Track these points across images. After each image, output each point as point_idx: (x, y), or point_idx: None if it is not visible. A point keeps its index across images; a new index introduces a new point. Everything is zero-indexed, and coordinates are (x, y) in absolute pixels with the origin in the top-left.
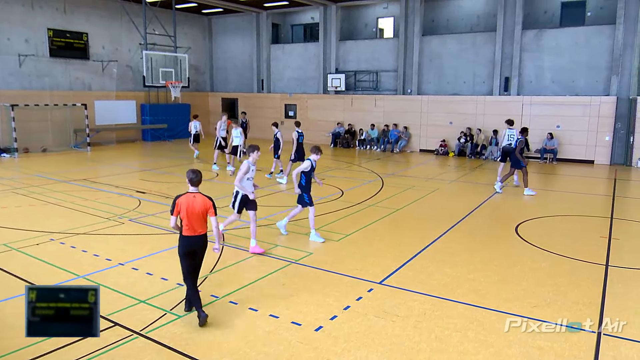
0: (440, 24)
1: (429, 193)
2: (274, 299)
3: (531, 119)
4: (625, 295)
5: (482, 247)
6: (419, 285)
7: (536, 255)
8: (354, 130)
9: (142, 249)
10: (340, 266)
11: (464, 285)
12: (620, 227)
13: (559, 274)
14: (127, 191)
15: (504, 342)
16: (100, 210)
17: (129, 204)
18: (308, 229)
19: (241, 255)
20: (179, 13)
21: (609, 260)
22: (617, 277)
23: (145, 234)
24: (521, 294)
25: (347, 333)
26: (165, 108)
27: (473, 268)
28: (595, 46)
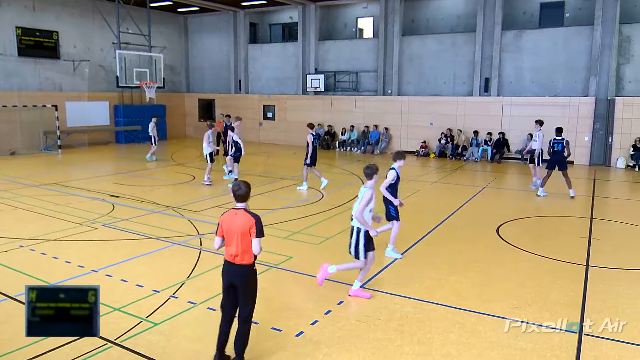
0: (420, 24)
1: (410, 195)
2: None
3: (511, 119)
4: (606, 294)
5: (463, 248)
6: (401, 289)
7: (517, 256)
8: (334, 132)
9: (116, 255)
10: None
11: (445, 288)
12: (600, 227)
13: (540, 274)
14: (100, 195)
15: (486, 344)
16: (72, 215)
17: (102, 209)
18: (288, 232)
19: (219, 260)
20: (153, 11)
21: (589, 261)
22: (597, 277)
23: (119, 240)
24: (502, 295)
25: (329, 338)
26: (140, 109)
27: (454, 270)
28: (573, 47)
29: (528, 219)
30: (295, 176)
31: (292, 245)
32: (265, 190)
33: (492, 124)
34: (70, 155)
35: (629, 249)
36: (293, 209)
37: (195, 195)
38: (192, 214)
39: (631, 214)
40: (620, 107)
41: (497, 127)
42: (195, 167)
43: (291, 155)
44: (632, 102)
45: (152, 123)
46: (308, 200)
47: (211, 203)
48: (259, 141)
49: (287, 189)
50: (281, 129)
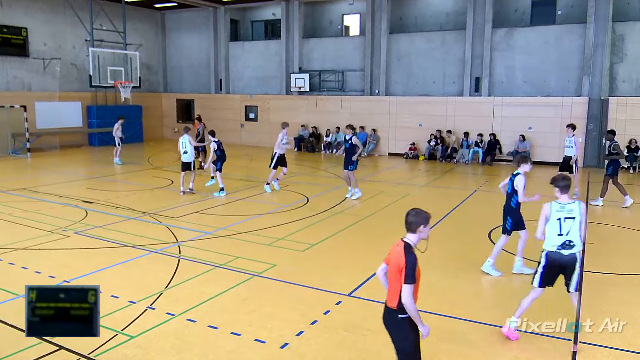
0: (409, 22)
1: (399, 199)
2: (235, 315)
3: (502, 120)
4: (601, 299)
5: (455, 254)
6: None
7: (510, 261)
8: (319, 133)
9: (90, 265)
10: (306, 278)
11: (436, 295)
12: (594, 231)
13: None
14: (72, 201)
15: (479, 353)
16: (42, 222)
17: (74, 215)
18: (272, 239)
19: (199, 269)
20: (128, 7)
21: (583, 266)
22: (591, 282)
23: (93, 248)
24: (496, 302)
25: (315, 349)
26: (114, 110)
27: (446, 276)
28: (566, 45)
29: None
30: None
31: (276, 253)
32: (248, 195)
33: (483, 125)
34: (40, 159)
35: (624, 254)
36: (276, 214)
37: (174, 200)
38: (170, 221)
39: (626, 217)
40: (614, 107)
41: (488, 128)
42: (173, 171)
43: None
44: (625, 102)
45: (118, 124)
46: (292, 205)
47: (190, 209)
48: (241, 143)
49: (270, 194)
50: (264, 131)
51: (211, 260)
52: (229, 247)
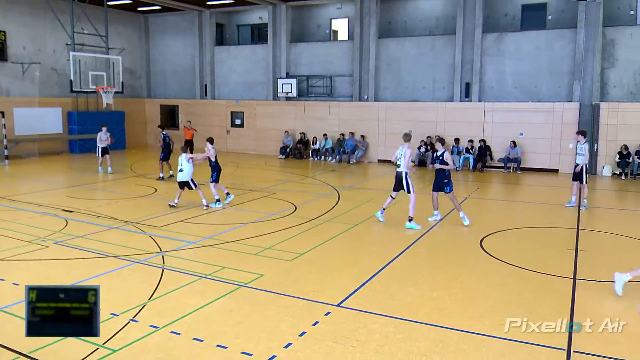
0: (398, 26)
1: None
2: (221, 327)
3: (493, 126)
4: (594, 308)
5: (446, 263)
6: (380, 307)
7: (502, 270)
8: (307, 140)
9: (71, 276)
10: (294, 288)
11: (427, 305)
12: (587, 238)
13: (526, 289)
14: (52, 210)
15: None
16: (20, 232)
17: (54, 225)
18: (259, 248)
19: (183, 279)
20: (111, 10)
21: (577, 273)
22: (585, 290)
23: (73, 259)
24: (488, 311)
25: None
26: (96, 116)
27: (437, 285)
28: (556, 50)
29: (512, 230)
30: (266, 187)
31: (263, 262)
32: (234, 203)
33: (474, 131)
34: (18, 167)
35: (617, 261)
36: (263, 222)
37: (157, 209)
38: (153, 230)
39: (619, 224)
40: (605, 112)
41: (478, 134)
42: (157, 180)
43: (262, 165)
44: (617, 107)
45: (102, 132)
46: (279, 213)
47: (175, 218)
48: (227, 150)
49: (258, 202)
50: (250, 137)
51: (196, 271)
52: (214, 256)
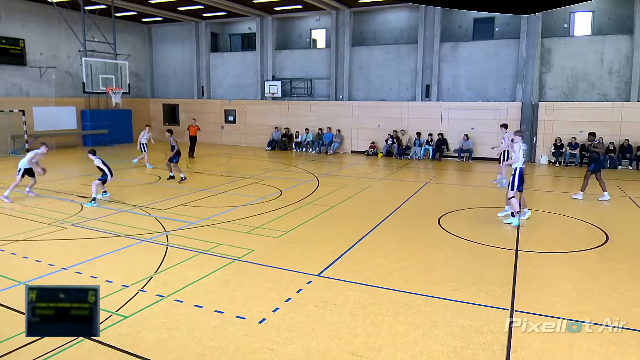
0: (368, 36)
1: (360, 190)
2: (218, 295)
3: (449, 122)
4: (533, 275)
5: (409, 238)
6: (354, 276)
7: (456, 243)
8: (291, 134)
9: (86, 253)
10: (280, 261)
11: (394, 274)
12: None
13: (476, 259)
14: (69, 196)
15: (430, 323)
16: (41, 216)
17: (70, 209)
18: (250, 227)
19: (185, 255)
20: (118, 21)
21: (519, 246)
22: (525, 260)
23: (88, 238)
24: (445, 278)
25: (289, 323)
26: (106, 114)
27: (402, 257)
28: (503, 57)
29: (465, 210)
30: (255, 175)
31: (254, 239)
32: (228, 188)
33: (433, 126)
34: None
35: (552, 234)
36: (253, 205)
37: (162, 194)
38: (158, 212)
39: (554, 204)
40: (543, 110)
41: (437, 129)
42: (161, 169)
43: (251, 156)
44: (552, 106)
45: (145, 131)
46: (267, 197)
47: (177, 202)
48: (222, 143)
49: (248, 187)
50: (242, 132)
51: (196, 247)
52: (211, 235)
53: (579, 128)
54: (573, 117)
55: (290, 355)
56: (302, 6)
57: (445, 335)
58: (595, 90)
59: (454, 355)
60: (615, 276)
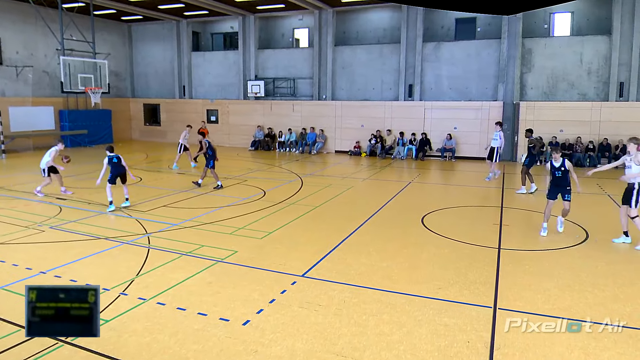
0: (351, 36)
1: (344, 190)
2: (201, 297)
3: (432, 121)
4: (515, 273)
5: (393, 237)
6: (338, 276)
7: (440, 242)
8: (274, 134)
9: (65, 256)
10: (264, 262)
11: (378, 273)
12: (509, 214)
13: (460, 258)
14: (47, 198)
15: (414, 322)
16: (18, 218)
17: (49, 212)
18: (233, 228)
19: (167, 257)
20: (97, 19)
21: (501, 244)
22: (507, 258)
23: (67, 241)
24: (428, 277)
25: (273, 325)
26: (86, 114)
27: (386, 256)
28: (484, 57)
29: (448, 209)
30: (238, 176)
31: (237, 240)
32: (211, 189)
33: (416, 126)
34: (15, 160)
35: (533, 233)
36: (237, 206)
37: (143, 196)
38: (139, 214)
39: (534, 202)
40: (524, 110)
41: (420, 128)
42: (142, 170)
43: (234, 156)
44: (533, 105)
45: (185, 132)
46: (250, 198)
47: (158, 203)
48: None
49: (231, 188)
50: (224, 132)
51: (178, 249)
52: (194, 236)
53: (559, 127)
54: (553, 117)
55: (275, 356)
56: (284, 5)
57: (430, 333)
58: (575, 90)
59: (439, 354)
60: (595, 273)
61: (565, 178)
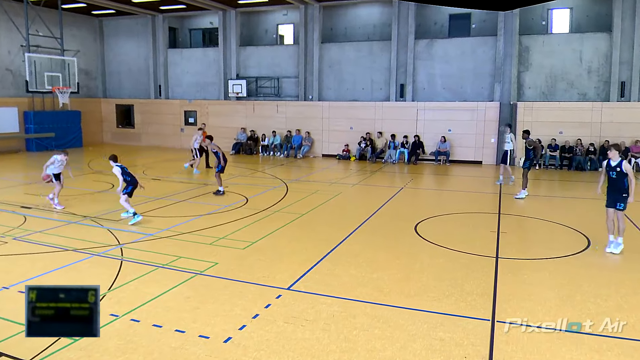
0: (339, 32)
1: (332, 197)
2: (179, 313)
3: (425, 123)
4: (514, 283)
5: (384, 247)
6: (326, 288)
7: (434, 251)
8: (257, 137)
9: (31, 270)
10: (247, 274)
11: (368, 285)
12: (506, 221)
13: (455, 268)
14: (10, 207)
15: (408, 337)
16: None
17: (12, 222)
18: (213, 238)
19: (142, 270)
20: (65, 13)
21: (499, 253)
22: (506, 267)
23: (33, 253)
24: (422, 289)
25: (257, 342)
26: (53, 115)
27: (377, 267)
28: (480, 55)
29: (443, 216)
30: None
31: (217, 251)
32: (189, 196)
33: (408, 128)
34: None
35: (532, 241)
36: (217, 214)
37: (115, 204)
38: (111, 224)
39: (533, 208)
40: (522, 110)
41: (412, 131)
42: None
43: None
44: (531, 106)
45: (197, 135)
46: (232, 205)
47: None
48: (181, 147)
49: (211, 196)
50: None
51: (154, 261)
52: (171, 247)
53: (558, 129)
54: (552, 118)
55: None
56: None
57: (424, 349)
58: (575, 90)
59: None
60: (597, 282)
61: (621, 181)
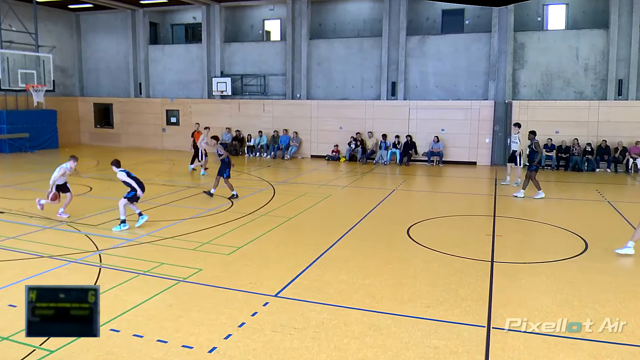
0: (328, 28)
1: (321, 199)
2: (161, 322)
3: (417, 122)
4: (510, 288)
5: (376, 251)
6: (316, 295)
7: (427, 256)
8: (242, 137)
9: (2, 278)
10: (232, 281)
11: (360, 291)
12: (502, 224)
13: (449, 272)
14: None
15: (401, 345)
16: None
17: None
18: (197, 243)
19: (122, 277)
20: (40, 7)
21: (494, 257)
22: (501, 271)
23: (5, 260)
24: (415, 295)
25: (243, 351)
26: (27, 115)
27: (368, 273)
28: (473, 53)
29: (436, 219)
30: (202, 184)
31: (201, 257)
32: (171, 200)
33: (400, 127)
34: None
35: (529, 244)
36: (201, 218)
37: (93, 208)
38: (90, 229)
39: (529, 210)
40: (517, 109)
41: (404, 130)
42: (92, 178)
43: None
44: (527, 105)
45: (204, 135)
46: (216, 209)
47: (110, 216)
48: (163, 148)
49: (195, 198)
50: (186, 135)
51: (134, 268)
52: (152, 253)
53: (555, 128)
54: (549, 117)
55: None
56: None
57: (418, 357)
58: (571, 88)
59: None
60: (595, 286)
61: None
